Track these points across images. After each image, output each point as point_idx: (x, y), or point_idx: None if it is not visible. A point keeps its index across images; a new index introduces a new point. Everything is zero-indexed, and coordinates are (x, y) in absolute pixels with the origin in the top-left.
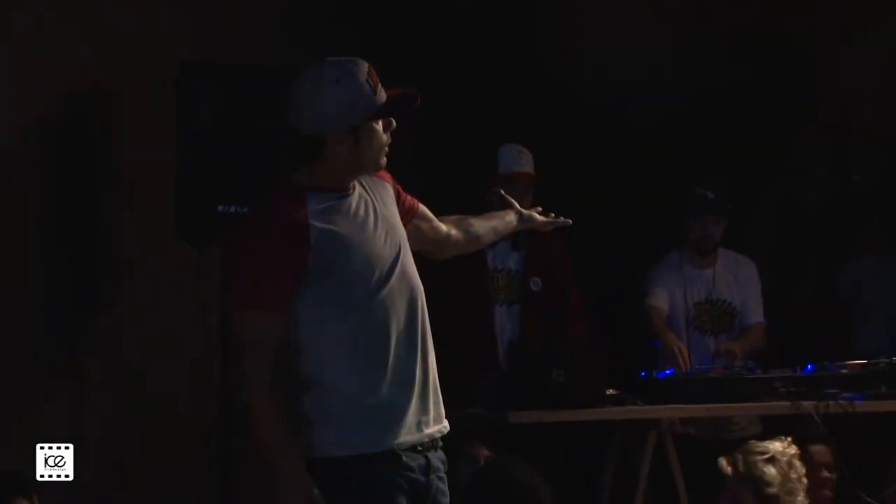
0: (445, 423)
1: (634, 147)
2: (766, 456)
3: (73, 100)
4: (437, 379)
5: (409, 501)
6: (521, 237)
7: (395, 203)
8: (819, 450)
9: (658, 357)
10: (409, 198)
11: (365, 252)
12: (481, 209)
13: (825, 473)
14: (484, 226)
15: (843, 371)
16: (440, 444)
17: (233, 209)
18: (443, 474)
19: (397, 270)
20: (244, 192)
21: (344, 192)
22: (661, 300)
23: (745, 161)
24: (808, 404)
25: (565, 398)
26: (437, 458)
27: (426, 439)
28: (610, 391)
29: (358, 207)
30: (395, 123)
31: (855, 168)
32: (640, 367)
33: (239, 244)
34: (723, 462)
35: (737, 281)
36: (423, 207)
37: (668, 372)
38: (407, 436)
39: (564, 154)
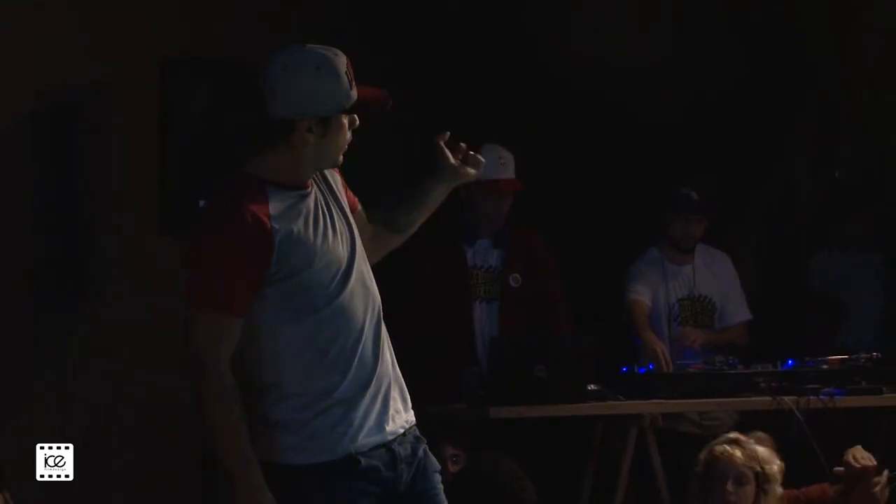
0: (410, 413)
1: (618, 144)
2: (758, 442)
3: (56, 96)
4: (400, 374)
5: (378, 501)
6: (503, 235)
7: (344, 196)
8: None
9: (639, 353)
10: (350, 195)
11: (325, 257)
12: (458, 207)
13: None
14: (409, 211)
15: (824, 366)
16: (408, 431)
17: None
18: (419, 454)
19: (354, 272)
20: None
21: (303, 190)
22: (643, 295)
23: (729, 158)
24: (788, 399)
25: (547, 393)
26: (406, 445)
27: (389, 437)
28: (591, 386)
29: (317, 208)
30: (357, 123)
31: (837, 165)
32: (622, 362)
33: (200, 241)
34: (723, 449)
35: (714, 275)
36: (360, 207)
37: (649, 367)
38: (366, 438)
39: (547, 151)
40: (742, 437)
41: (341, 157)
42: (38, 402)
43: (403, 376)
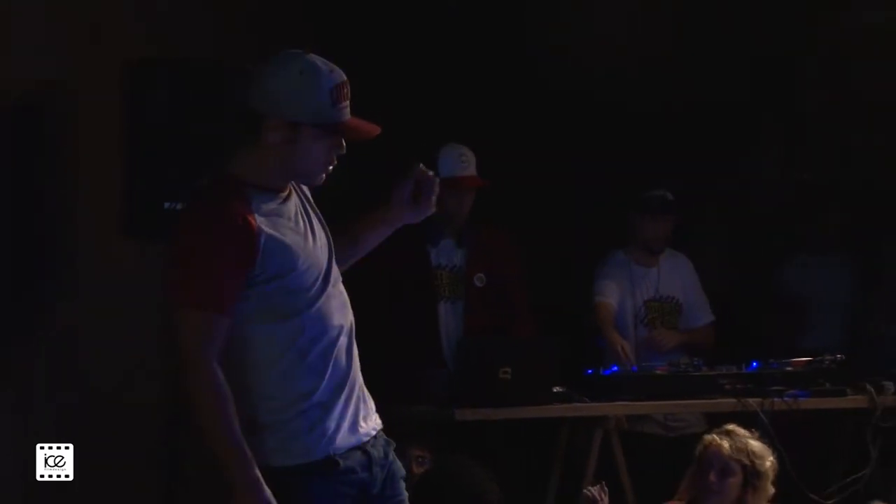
0: (377, 417)
1: (584, 146)
2: (753, 436)
3: (21, 95)
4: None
5: (353, 502)
6: (466, 234)
7: None
8: None
9: (604, 355)
10: None
11: (307, 261)
12: None
13: None
14: (355, 234)
15: (788, 368)
16: (379, 434)
17: (179, 206)
18: (390, 458)
19: (332, 277)
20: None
21: (283, 195)
22: (609, 297)
23: (693, 160)
24: (753, 401)
25: (512, 396)
26: (378, 448)
27: (363, 439)
28: (557, 388)
29: (297, 213)
30: (344, 149)
31: (803, 167)
32: (587, 364)
33: (185, 240)
34: (712, 438)
35: (678, 277)
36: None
37: (613, 369)
38: (343, 440)
39: (513, 151)
40: (737, 429)
41: (322, 177)
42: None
43: (369, 376)
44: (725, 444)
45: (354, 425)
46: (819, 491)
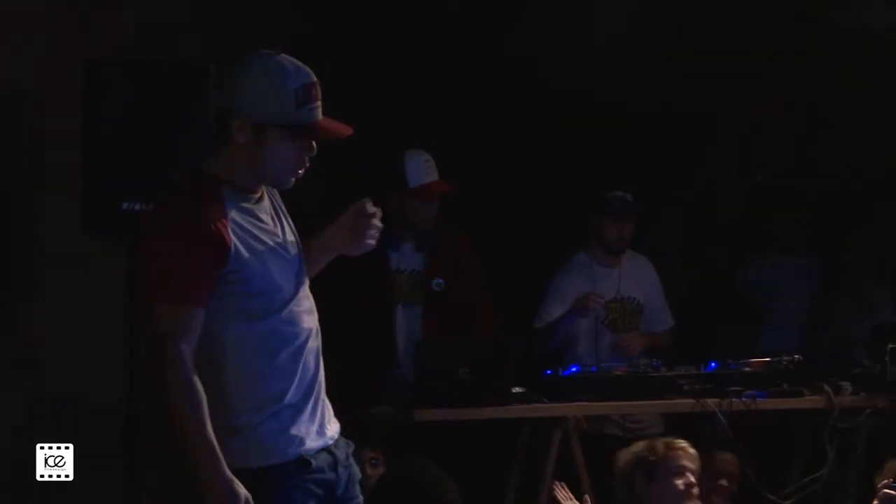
0: (335, 420)
1: (544, 148)
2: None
3: None
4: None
5: (320, 502)
6: (425, 238)
7: None
8: (724, 458)
9: (561, 356)
10: None
11: (279, 263)
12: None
13: (723, 482)
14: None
15: (746, 369)
16: (340, 436)
17: (137, 206)
18: (350, 460)
19: (303, 280)
20: (150, 190)
21: (256, 196)
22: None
23: (653, 161)
24: (711, 402)
25: (472, 396)
26: (341, 449)
27: (329, 441)
28: (516, 389)
29: (270, 216)
30: (314, 151)
31: (758, 169)
32: (546, 365)
33: (159, 237)
34: (647, 447)
35: (641, 280)
36: None
37: (573, 369)
38: (312, 442)
39: (473, 155)
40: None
41: (292, 180)
42: None
43: (328, 379)
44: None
45: (322, 427)
46: (777, 491)
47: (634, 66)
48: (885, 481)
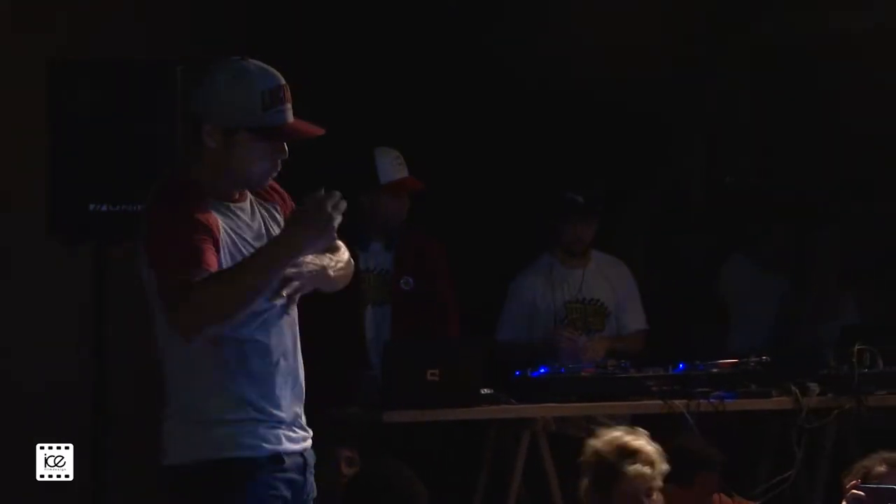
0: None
1: (513, 146)
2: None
3: None
4: None
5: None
6: (394, 238)
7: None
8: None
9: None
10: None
11: None
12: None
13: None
14: None
15: (714, 370)
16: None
17: (104, 208)
18: (313, 469)
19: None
20: (116, 191)
21: (237, 201)
22: (509, 334)
23: (622, 162)
24: (679, 403)
25: (440, 398)
26: (310, 456)
27: (301, 446)
28: (484, 390)
29: (254, 220)
30: (286, 153)
31: (726, 171)
32: (515, 366)
33: (161, 235)
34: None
35: (610, 282)
36: None
37: (541, 371)
38: (289, 443)
39: (441, 153)
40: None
41: (265, 181)
42: None
43: None
44: (647, 470)
45: (296, 431)
46: (745, 492)
47: (604, 66)
48: (853, 482)
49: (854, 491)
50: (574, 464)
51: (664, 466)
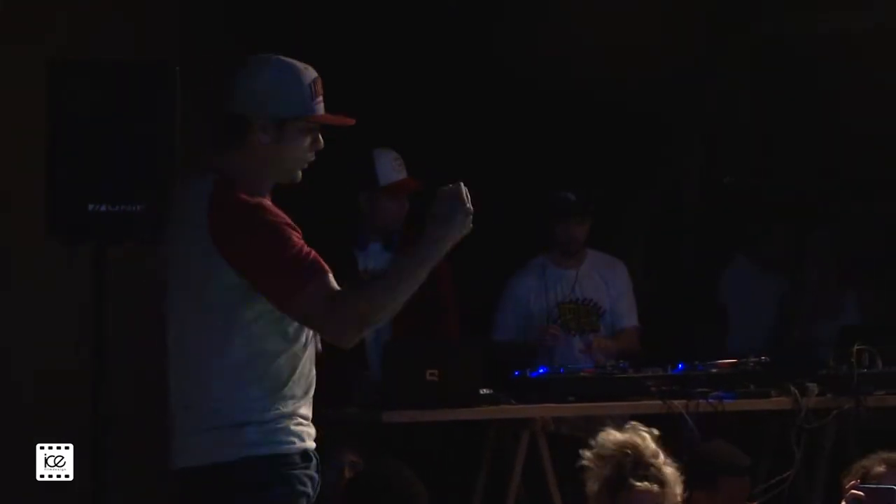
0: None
1: (512, 147)
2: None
3: None
4: None
5: (308, 500)
6: (393, 238)
7: None
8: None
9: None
10: None
11: None
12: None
13: None
14: None
15: (713, 370)
16: None
17: (104, 208)
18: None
19: None
20: (116, 191)
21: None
22: (504, 335)
23: (621, 162)
24: (678, 403)
25: (439, 398)
26: (315, 454)
27: (314, 440)
28: (484, 390)
29: None
30: (321, 145)
31: (725, 171)
32: (514, 366)
33: (259, 236)
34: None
35: (604, 281)
36: None
37: (541, 371)
38: (311, 443)
39: (439, 154)
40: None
41: (299, 174)
42: None
43: None
44: (655, 488)
45: (313, 429)
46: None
47: (604, 66)
48: (853, 482)
49: (853, 491)
50: (573, 464)
51: (678, 489)
